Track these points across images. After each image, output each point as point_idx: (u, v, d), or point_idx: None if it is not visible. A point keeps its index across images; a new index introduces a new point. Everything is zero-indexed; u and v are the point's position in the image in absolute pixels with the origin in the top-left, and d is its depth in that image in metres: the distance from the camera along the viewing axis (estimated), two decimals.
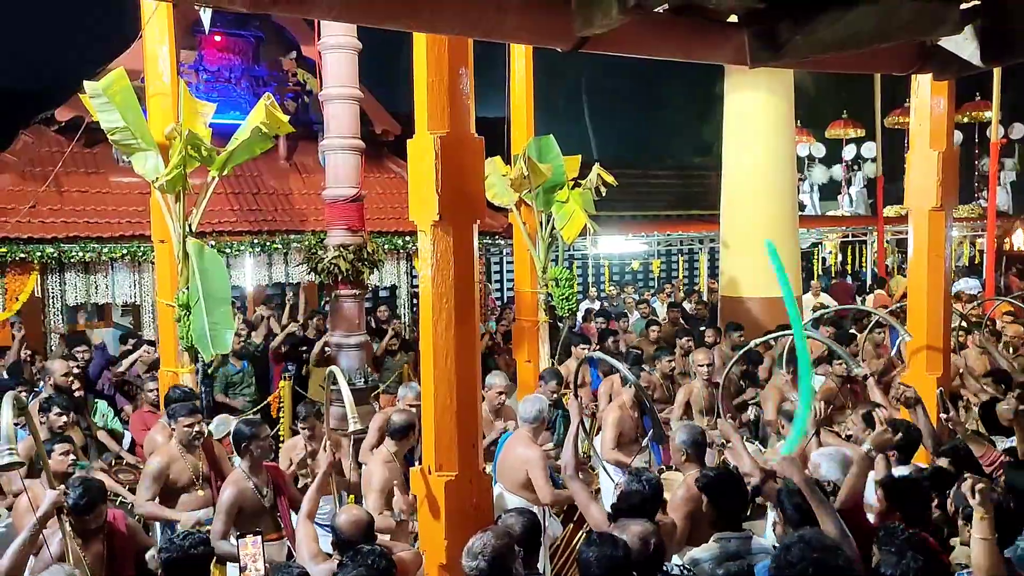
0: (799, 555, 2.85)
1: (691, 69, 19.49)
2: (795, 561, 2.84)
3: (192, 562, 3.40)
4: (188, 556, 3.39)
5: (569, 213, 8.75)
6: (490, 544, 3.21)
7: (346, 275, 8.15)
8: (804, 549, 2.87)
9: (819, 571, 2.82)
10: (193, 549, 3.41)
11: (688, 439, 4.75)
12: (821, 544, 2.92)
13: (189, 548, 3.41)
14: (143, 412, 7.00)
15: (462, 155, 3.85)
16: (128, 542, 4.53)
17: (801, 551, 2.86)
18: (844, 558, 2.90)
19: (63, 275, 9.63)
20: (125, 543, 4.49)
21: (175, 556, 3.39)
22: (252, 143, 6.99)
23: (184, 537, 3.46)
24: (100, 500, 4.36)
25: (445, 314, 3.83)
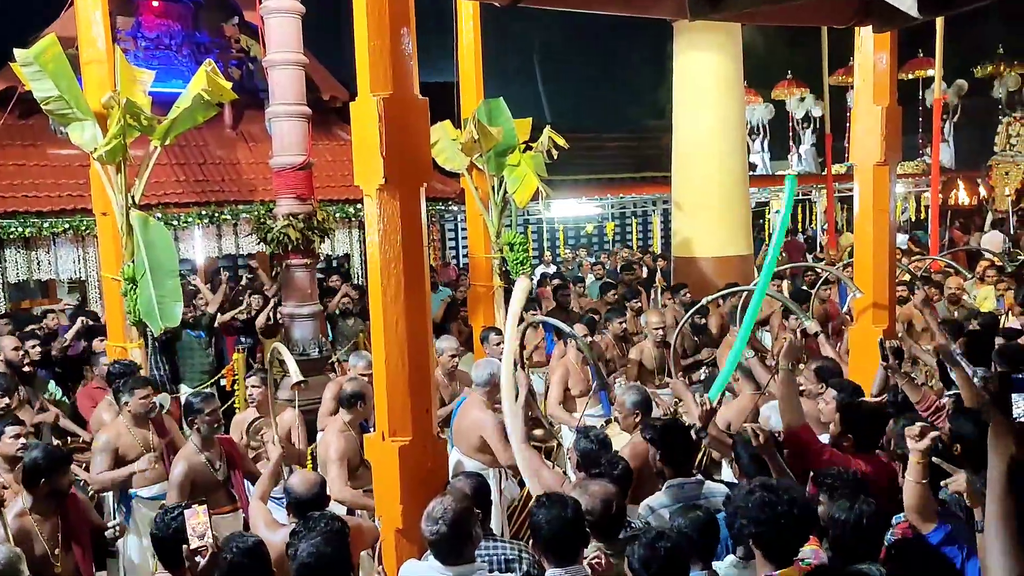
0: (760, 500, 2.93)
1: (644, 31, 19.48)
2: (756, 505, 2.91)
3: (177, 536, 3.35)
4: (173, 532, 3.35)
5: (521, 177, 8.71)
6: (450, 508, 3.22)
7: (296, 244, 8.04)
8: (764, 494, 2.95)
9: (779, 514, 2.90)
10: (176, 523, 3.36)
11: (639, 400, 4.85)
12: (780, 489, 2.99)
13: (171, 522, 3.37)
14: (91, 388, 6.86)
15: (406, 117, 3.78)
16: (82, 518, 4.50)
17: (761, 496, 2.94)
18: (801, 504, 2.97)
19: (2, 251, 9.37)
20: (79, 519, 4.46)
21: (160, 533, 3.35)
22: (194, 111, 6.84)
23: (174, 516, 3.41)
24: (63, 464, 4.31)
25: (394, 280, 3.78)
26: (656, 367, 7.57)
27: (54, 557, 4.20)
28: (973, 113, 22.30)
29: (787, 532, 2.92)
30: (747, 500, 2.97)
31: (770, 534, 2.91)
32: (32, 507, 4.21)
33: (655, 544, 2.82)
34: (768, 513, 2.89)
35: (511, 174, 8.69)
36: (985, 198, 21.62)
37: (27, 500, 4.23)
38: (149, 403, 5.35)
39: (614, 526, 3.36)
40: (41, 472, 4.18)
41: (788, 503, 2.91)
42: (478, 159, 8.57)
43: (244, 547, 3.09)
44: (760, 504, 2.92)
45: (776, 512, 2.89)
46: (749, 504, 2.95)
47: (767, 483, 3.07)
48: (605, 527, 3.33)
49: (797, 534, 2.98)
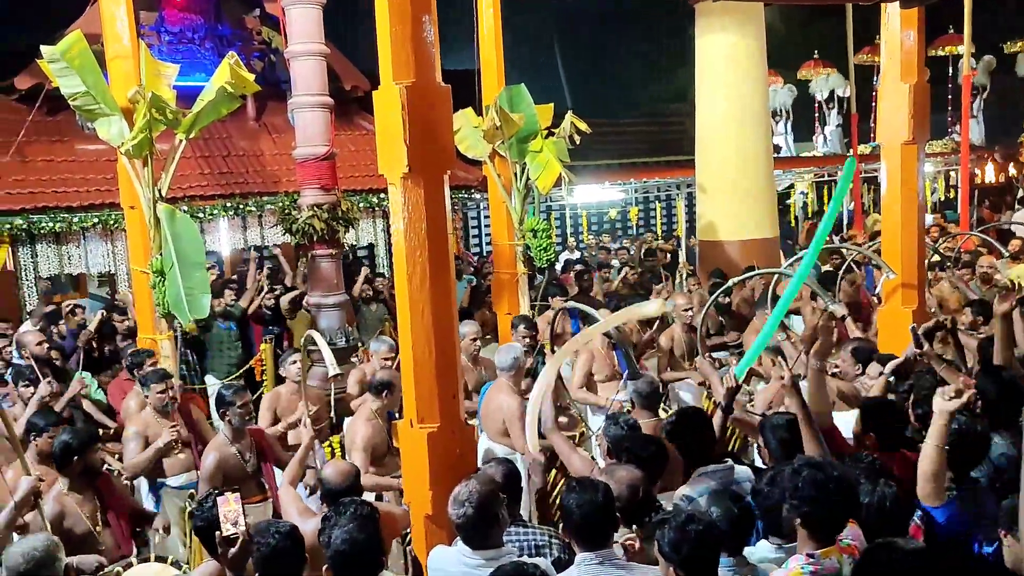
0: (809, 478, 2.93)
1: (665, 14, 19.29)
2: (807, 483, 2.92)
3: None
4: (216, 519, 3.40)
5: (543, 163, 8.68)
6: (476, 491, 3.24)
7: (321, 235, 8.10)
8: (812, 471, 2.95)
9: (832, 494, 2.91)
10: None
11: (635, 390, 4.87)
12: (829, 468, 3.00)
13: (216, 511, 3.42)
14: (121, 380, 6.95)
15: (429, 105, 3.79)
16: (119, 498, 4.68)
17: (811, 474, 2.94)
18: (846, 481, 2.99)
19: (34, 247, 9.49)
20: (116, 499, 4.64)
21: (205, 523, 3.40)
22: (218, 104, 6.87)
23: (211, 505, 3.46)
24: (91, 440, 4.54)
25: (419, 267, 3.80)
26: (685, 352, 7.56)
27: (96, 534, 4.42)
28: (1003, 90, 21.91)
29: (836, 509, 2.93)
30: (795, 479, 2.96)
31: (819, 512, 2.92)
32: (70, 488, 4.46)
33: (685, 527, 2.81)
34: (818, 491, 2.90)
35: (533, 160, 8.67)
36: (1015, 176, 21.27)
37: (64, 483, 4.47)
38: (166, 397, 5.42)
39: (642, 511, 3.37)
40: (72, 451, 4.41)
41: (836, 480, 2.92)
42: (500, 146, 8.55)
43: (283, 531, 3.13)
44: (810, 482, 2.91)
45: (826, 490, 2.89)
46: (799, 484, 2.94)
47: (812, 461, 3.08)
48: (633, 512, 3.34)
49: (845, 511, 2.99)
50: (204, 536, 3.47)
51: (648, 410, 5.07)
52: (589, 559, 3.06)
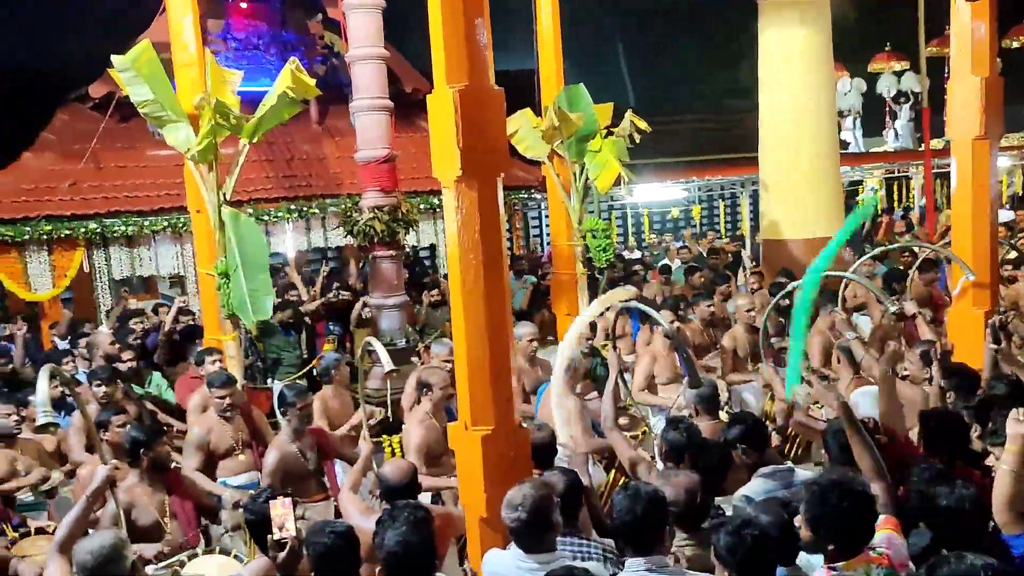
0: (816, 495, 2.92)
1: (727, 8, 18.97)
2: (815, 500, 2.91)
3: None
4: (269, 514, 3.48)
5: (602, 162, 8.64)
6: (529, 495, 3.23)
7: (382, 236, 8.18)
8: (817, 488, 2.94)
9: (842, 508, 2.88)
10: None
11: (696, 395, 4.81)
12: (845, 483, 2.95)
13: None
14: (187, 377, 7.13)
15: (482, 108, 3.79)
16: (186, 492, 4.86)
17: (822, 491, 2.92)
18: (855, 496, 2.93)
19: (108, 250, 9.81)
20: (184, 493, 4.83)
21: (257, 517, 3.48)
22: (280, 108, 7.00)
23: (264, 499, 3.55)
24: (158, 435, 4.80)
25: (473, 270, 3.80)
26: (749, 353, 7.43)
27: (163, 525, 4.62)
28: None
29: (848, 524, 2.89)
30: (806, 495, 2.96)
31: (831, 528, 2.89)
32: (139, 480, 4.68)
33: (741, 531, 2.78)
34: (827, 507, 2.88)
35: (592, 160, 8.63)
36: None
37: (135, 476, 4.70)
38: (224, 403, 5.53)
39: (698, 517, 3.32)
40: (140, 444, 4.65)
41: (849, 496, 2.88)
42: (559, 146, 8.53)
43: (338, 531, 3.17)
44: (820, 499, 2.90)
45: (838, 506, 2.87)
46: (809, 500, 2.94)
47: (825, 477, 3.04)
48: (689, 518, 3.29)
49: (860, 526, 2.93)
50: (254, 530, 3.55)
51: (708, 413, 5.01)
52: (639, 565, 3.03)
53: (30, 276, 9.37)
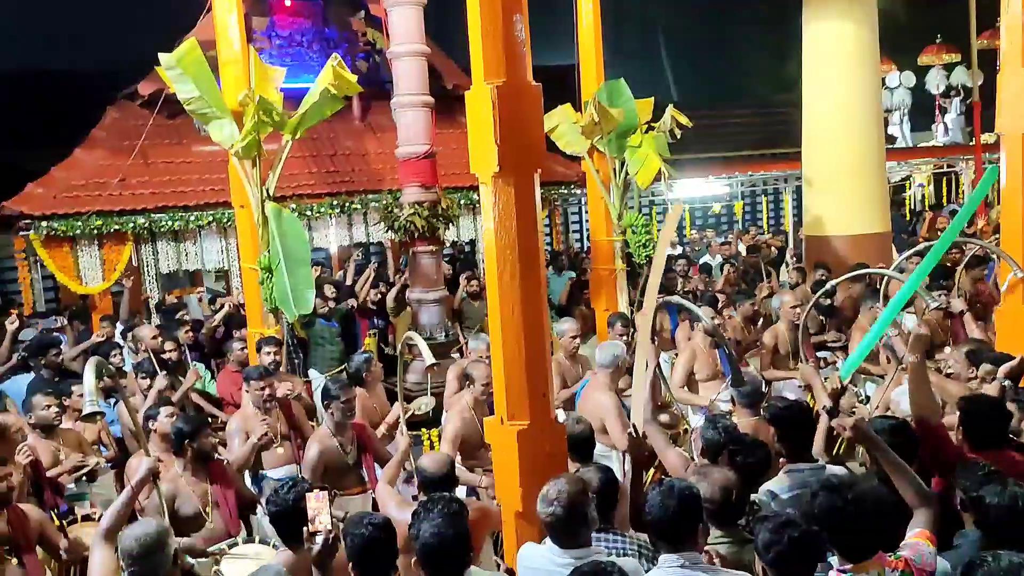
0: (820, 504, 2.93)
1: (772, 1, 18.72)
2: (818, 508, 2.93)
3: (298, 513, 3.54)
4: (294, 508, 3.55)
5: (643, 158, 8.60)
6: (564, 490, 3.24)
7: (422, 232, 8.25)
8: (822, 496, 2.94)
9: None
10: (298, 502, 3.56)
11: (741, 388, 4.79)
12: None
13: (294, 501, 3.59)
14: (229, 371, 7.26)
15: (520, 104, 3.80)
16: (229, 483, 4.96)
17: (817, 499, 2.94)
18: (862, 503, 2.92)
19: (155, 244, 9.99)
20: (226, 484, 4.93)
21: (279, 509, 3.55)
22: (322, 105, 7.09)
23: (288, 490, 3.63)
24: (202, 426, 4.89)
25: (509, 265, 3.83)
26: (790, 351, 7.35)
27: (205, 514, 4.73)
28: None
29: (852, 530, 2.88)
30: (811, 503, 2.97)
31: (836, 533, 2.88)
32: (184, 470, 4.79)
33: (781, 530, 2.77)
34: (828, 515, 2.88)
35: (632, 155, 8.61)
36: None
37: (179, 466, 4.83)
38: (264, 394, 5.62)
39: (733, 514, 3.30)
40: (185, 435, 4.76)
41: (852, 503, 2.87)
42: (599, 141, 8.52)
43: (376, 523, 3.21)
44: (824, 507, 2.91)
45: (840, 513, 2.87)
46: (813, 508, 2.94)
47: (829, 483, 3.03)
48: (723, 515, 3.28)
49: (865, 531, 2.90)
50: (277, 523, 3.61)
51: (749, 409, 4.98)
52: (672, 561, 3.02)
53: (82, 270, 9.58)
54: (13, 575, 4.19)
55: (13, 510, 4.30)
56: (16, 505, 4.37)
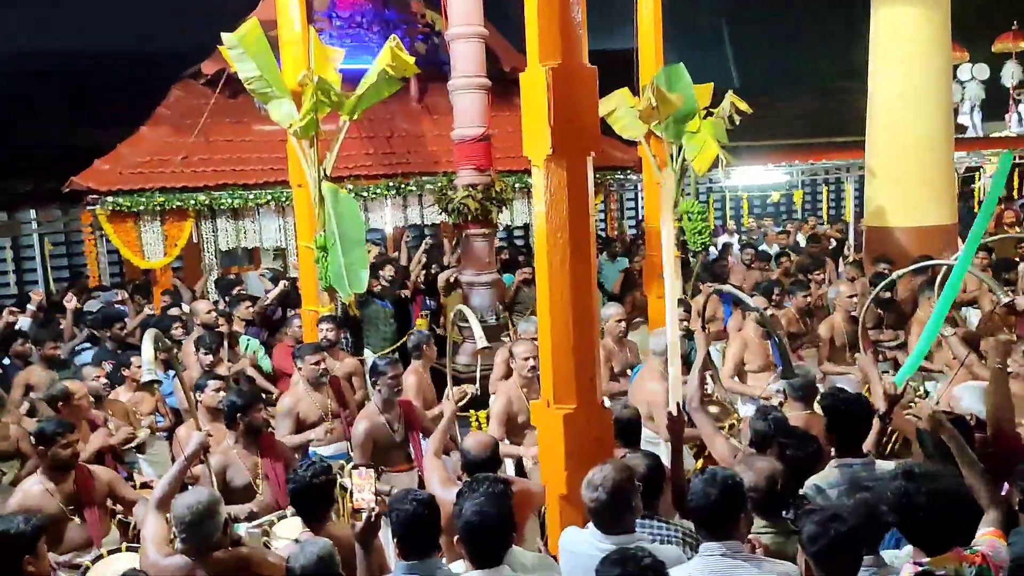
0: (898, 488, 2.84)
1: None
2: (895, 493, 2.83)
3: (315, 490, 3.62)
4: (311, 485, 3.61)
5: (700, 143, 8.48)
6: (609, 476, 3.23)
7: (475, 215, 8.26)
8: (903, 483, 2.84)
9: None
10: (315, 479, 3.64)
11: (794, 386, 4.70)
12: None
13: (312, 478, 3.65)
14: (285, 345, 7.39)
15: (574, 86, 3.77)
16: (279, 456, 5.05)
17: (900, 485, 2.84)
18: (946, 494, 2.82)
19: (215, 221, 10.19)
20: (277, 457, 5.01)
21: (299, 486, 3.62)
22: (380, 86, 7.15)
23: (306, 468, 3.69)
24: (255, 401, 4.96)
25: (560, 249, 3.81)
26: (847, 343, 7.21)
27: (255, 486, 4.83)
28: None
29: (929, 520, 2.79)
30: (885, 487, 2.89)
31: (911, 522, 2.81)
32: (235, 443, 4.90)
33: (827, 523, 2.73)
34: (904, 502, 2.79)
35: (690, 141, 8.49)
36: None
37: (231, 438, 4.91)
38: (320, 368, 5.70)
39: (778, 504, 3.26)
40: (237, 409, 4.85)
41: (930, 494, 2.78)
42: (656, 126, 8.41)
43: (420, 499, 3.24)
44: (896, 492, 2.82)
45: (912, 502, 2.77)
46: (887, 492, 2.86)
47: (910, 470, 2.92)
48: (768, 505, 3.24)
49: (945, 523, 2.81)
50: (295, 501, 3.67)
51: (802, 402, 4.90)
52: (713, 549, 3.00)
53: (144, 245, 9.82)
54: (73, 532, 4.37)
55: (81, 470, 4.52)
56: (84, 465, 4.59)
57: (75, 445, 4.47)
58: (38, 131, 13.93)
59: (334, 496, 3.78)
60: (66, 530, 4.39)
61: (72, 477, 4.46)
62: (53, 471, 4.41)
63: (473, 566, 2.98)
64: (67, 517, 4.39)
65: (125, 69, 15.66)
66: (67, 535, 4.41)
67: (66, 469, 4.43)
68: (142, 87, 11.52)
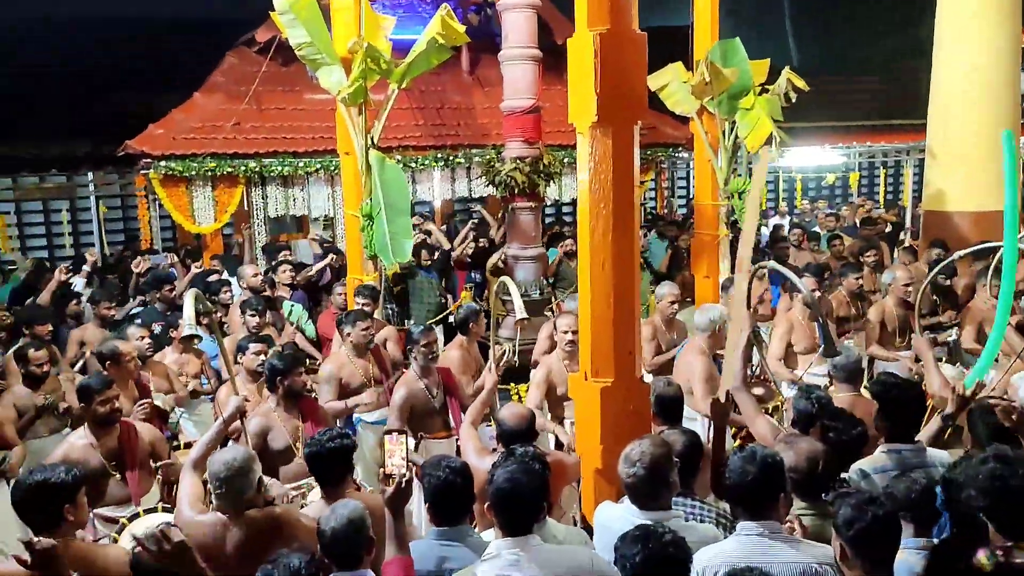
0: (990, 471, 2.69)
1: None
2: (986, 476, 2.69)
3: (332, 455, 3.63)
4: (327, 450, 3.62)
5: (754, 121, 8.30)
6: (648, 451, 3.18)
7: (522, 187, 8.20)
8: (996, 465, 2.70)
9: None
10: (331, 443, 3.64)
11: (839, 366, 4.56)
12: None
13: (327, 442, 3.65)
14: (329, 313, 7.44)
15: (622, 52, 3.68)
16: (321, 421, 5.05)
17: (993, 468, 2.70)
18: None
19: (265, 188, 10.28)
20: (318, 421, 5.02)
21: (316, 450, 3.62)
22: (429, 54, 7.11)
23: (323, 433, 3.70)
24: (295, 364, 4.95)
25: (602, 220, 3.74)
26: (898, 328, 7.02)
27: (295, 449, 4.82)
28: None
29: (1020, 506, 2.65)
30: (977, 470, 2.73)
31: (1000, 506, 2.67)
32: (276, 406, 4.90)
33: (864, 506, 2.65)
34: (998, 485, 2.65)
35: (743, 118, 8.31)
36: None
37: (272, 402, 4.92)
38: (369, 334, 5.73)
39: (818, 486, 3.17)
40: (278, 372, 4.84)
41: (1009, 473, 2.64)
42: (709, 102, 8.25)
43: (453, 467, 3.22)
44: (990, 475, 2.67)
45: (1008, 485, 2.64)
46: (979, 474, 2.71)
47: (1002, 453, 2.79)
48: (808, 486, 3.15)
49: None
50: (312, 465, 3.69)
51: (848, 384, 4.78)
52: (750, 528, 2.93)
53: (195, 210, 9.96)
54: (114, 488, 4.46)
55: (125, 427, 4.58)
56: (128, 422, 4.65)
57: (114, 402, 4.52)
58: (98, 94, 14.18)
59: (352, 462, 3.78)
60: (107, 485, 4.47)
61: (116, 433, 4.54)
62: (96, 426, 4.49)
63: (503, 534, 2.95)
64: (109, 472, 4.47)
65: (184, 35, 15.87)
66: (108, 490, 4.49)
67: (107, 424, 4.50)
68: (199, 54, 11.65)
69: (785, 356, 6.65)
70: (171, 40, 16.23)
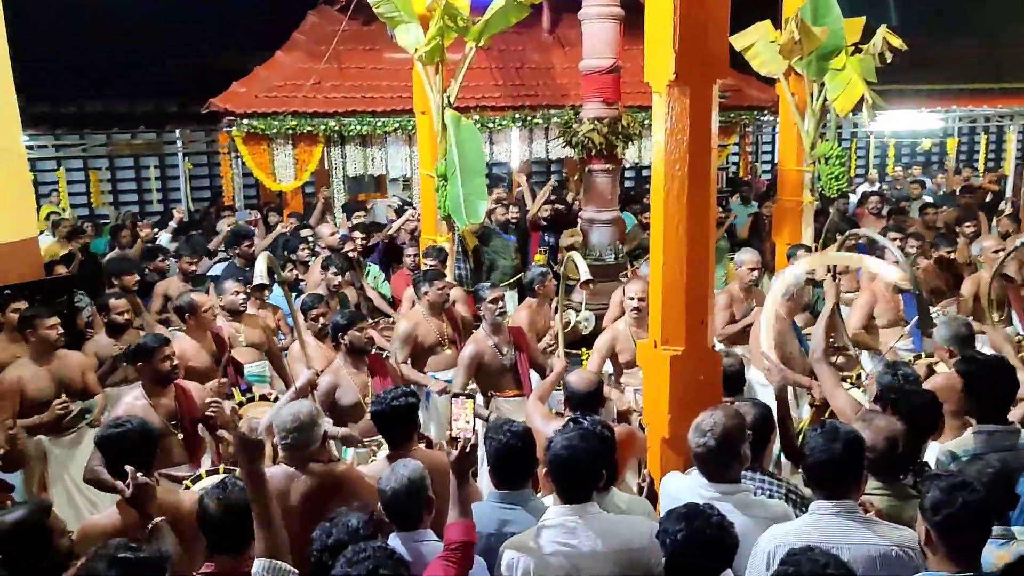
0: None
1: None
2: None
3: (396, 412, 3.63)
4: (391, 408, 3.63)
5: (845, 82, 7.91)
6: (720, 422, 3.09)
7: (599, 149, 8.02)
8: None
9: None
10: (396, 401, 3.65)
11: (950, 335, 4.31)
12: None
13: (391, 401, 3.66)
14: (403, 273, 7.48)
15: (703, 6, 3.51)
16: (387, 379, 5.12)
17: None
18: None
19: (344, 147, 10.34)
20: (384, 379, 5.10)
21: (380, 408, 3.64)
22: (507, 12, 7.00)
23: (389, 391, 3.72)
24: (356, 320, 5.10)
25: (677, 182, 3.61)
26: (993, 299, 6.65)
27: (364, 404, 4.89)
28: None
29: None
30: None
31: None
32: (344, 363, 5.05)
33: (954, 490, 2.51)
34: None
35: (833, 79, 7.94)
36: None
37: (341, 359, 5.08)
38: (445, 294, 5.75)
39: (896, 466, 3.03)
40: (339, 328, 5.02)
41: None
42: (797, 63, 7.91)
43: (515, 431, 3.21)
44: None
45: None
46: None
47: None
48: (886, 465, 3.01)
49: None
50: (377, 423, 3.73)
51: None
52: (825, 508, 2.82)
53: (276, 168, 10.09)
54: (177, 448, 4.50)
55: (179, 388, 4.58)
56: (181, 383, 4.62)
57: (172, 359, 4.49)
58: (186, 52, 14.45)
59: (417, 419, 3.79)
60: (171, 444, 4.43)
61: (172, 394, 4.52)
62: (153, 385, 4.47)
63: (561, 500, 2.92)
64: (170, 431, 4.44)
65: None
66: (170, 450, 4.40)
67: (165, 382, 4.49)
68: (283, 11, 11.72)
69: (866, 328, 6.40)
70: None
